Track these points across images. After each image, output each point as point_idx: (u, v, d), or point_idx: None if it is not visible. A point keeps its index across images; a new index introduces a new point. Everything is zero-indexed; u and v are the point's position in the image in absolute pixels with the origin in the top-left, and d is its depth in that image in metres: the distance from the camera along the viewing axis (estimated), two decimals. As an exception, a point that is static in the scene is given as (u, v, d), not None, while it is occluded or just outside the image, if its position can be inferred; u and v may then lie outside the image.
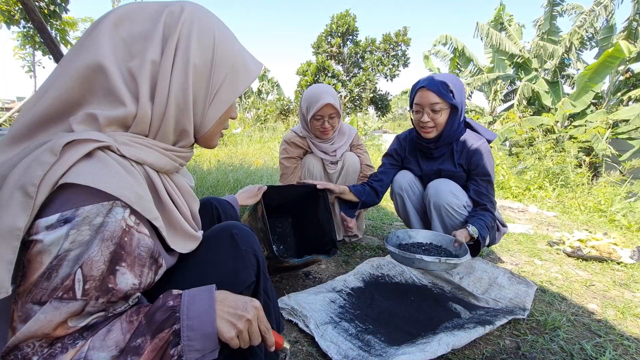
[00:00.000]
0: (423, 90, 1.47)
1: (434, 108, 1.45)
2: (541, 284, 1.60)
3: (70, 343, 0.50)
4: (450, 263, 1.21)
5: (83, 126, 0.54)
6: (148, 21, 0.57)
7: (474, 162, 1.52)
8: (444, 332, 1.04)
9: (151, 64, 0.56)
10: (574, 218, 3.11)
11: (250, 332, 0.59)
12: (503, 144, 8.16)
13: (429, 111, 1.47)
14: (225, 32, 0.64)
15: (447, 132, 1.50)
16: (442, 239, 1.47)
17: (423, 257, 1.20)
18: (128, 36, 0.56)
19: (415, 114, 1.55)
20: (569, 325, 1.25)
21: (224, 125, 0.71)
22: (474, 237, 1.41)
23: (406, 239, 1.51)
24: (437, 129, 1.50)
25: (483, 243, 1.44)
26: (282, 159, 1.91)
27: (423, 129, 1.53)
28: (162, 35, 0.57)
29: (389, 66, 12.79)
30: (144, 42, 0.56)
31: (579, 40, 9.14)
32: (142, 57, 0.56)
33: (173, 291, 0.58)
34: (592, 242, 2.07)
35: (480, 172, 1.52)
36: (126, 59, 0.55)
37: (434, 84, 1.44)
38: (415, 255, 1.22)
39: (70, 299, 0.47)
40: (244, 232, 0.73)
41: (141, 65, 0.55)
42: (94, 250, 0.48)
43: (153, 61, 0.56)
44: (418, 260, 1.22)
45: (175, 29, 0.57)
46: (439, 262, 1.20)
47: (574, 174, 4.29)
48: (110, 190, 0.49)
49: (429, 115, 1.47)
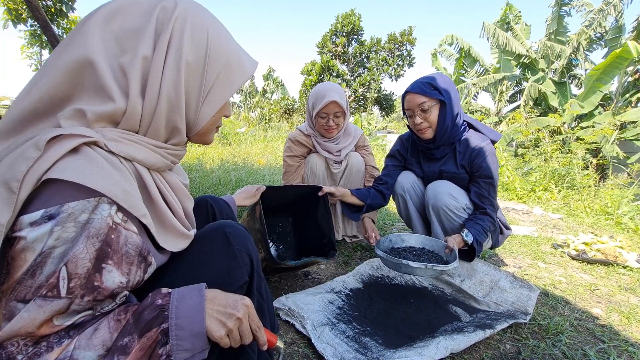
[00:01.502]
0: (409, 95, 1.51)
1: (422, 108, 1.47)
2: (544, 287, 1.57)
3: (56, 342, 0.49)
4: (436, 269, 1.20)
5: (71, 122, 0.53)
6: (140, 16, 0.56)
7: (477, 164, 1.50)
8: (443, 336, 1.02)
9: (142, 60, 0.55)
10: (580, 220, 3.06)
11: (241, 331, 0.58)
12: (509, 145, 8.08)
13: (419, 112, 1.49)
14: (219, 29, 0.63)
15: (440, 127, 1.49)
16: (435, 244, 1.45)
17: (409, 263, 1.19)
18: (119, 31, 0.55)
19: (409, 119, 1.56)
20: (572, 330, 1.22)
21: (218, 122, 0.70)
22: (468, 243, 1.39)
23: (399, 243, 1.49)
24: (432, 127, 1.51)
25: (479, 249, 1.42)
26: (285, 157, 1.90)
27: (419, 131, 1.53)
28: (154, 30, 0.56)
29: (394, 66, 12.74)
30: (135, 37, 0.55)
31: (587, 40, 9.02)
32: (134, 53, 0.55)
33: (162, 289, 0.57)
34: (598, 245, 2.03)
35: (483, 174, 1.49)
36: (117, 54, 0.55)
37: (417, 86, 1.48)
38: (402, 261, 1.21)
39: (54, 297, 0.46)
40: (237, 231, 0.72)
41: (132, 60, 0.54)
42: (79, 248, 0.47)
43: (144, 57, 0.55)
44: (405, 265, 1.21)
45: (168, 25, 0.56)
46: (426, 268, 1.19)
47: (580, 176, 4.23)
48: (95, 186, 0.48)
49: (420, 116, 1.49)
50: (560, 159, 4.79)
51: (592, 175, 4.34)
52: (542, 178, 4.26)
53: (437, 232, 1.57)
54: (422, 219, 1.71)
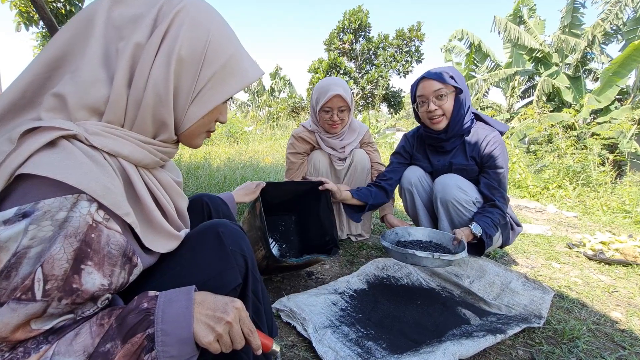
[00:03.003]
0: (424, 81, 1.46)
1: (438, 94, 1.43)
2: (559, 289, 1.50)
3: (34, 347, 0.46)
4: (444, 259, 1.17)
5: (51, 114, 0.50)
6: (144, 5, 0.55)
7: (486, 155, 1.47)
8: (450, 341, 0.97)
9: (134, 47, 0.53)
10: (596, 219, 2.94)
11: (232, 335, 0.55)
12: (521, 141, 7.89)
13: (434, 99, 1.44)
14: (224, 29, 0.60)
15: (455, 117, 1.45)
16: (442, 236, 1.43)
17: (415, 252, 1.17)
18: (119, 18, 0.54)
19: (420, 106, 1.51)
20: (589, 336, 1.15)
21: (209, 127, 0.66)
22: (477, 235, 1.36)
23: (405, 237, 1.47)
24: (447, 116, 1.46)
25: (490, 242, 1.38)
26: (288, 153, 1.86)
27: (432, 119, 1.48)
28: (153, 19, 0.55)
29: (402, 62, 12.55)
30: (133, 24, 0.54)
31: (603, 33, 8.72)
32: (128, 39, 0.53)
33: (149, 292, 0.54)
34: (616, 244, 1.94)
35: (493, 164, 1.46)
36: (114, 40, 0.53)
37: (433, 73, 1.45)
38: (407, 250, 1.18)
39: (29, 300, 0.43)
40: (231, 230, 0.68)
41: (125, 46, 0.53)
42: (56, 248, 0.44)
43: (137, 44, 0.53)
44: (410, 255, 1.18)
45: (168, 16, 0.55)
46: (432, 257, 1.16)
47: (596, 173, 4.08)
48: (72, 182, 0.45)
49: (435, 103, 1.44)
50: (575, 155, 4.64)
51: (608, 172, 4.19)
52: (556, 175, 4.13)
53: (445, 227, 1.53)
54: (430, 215, 1.66)
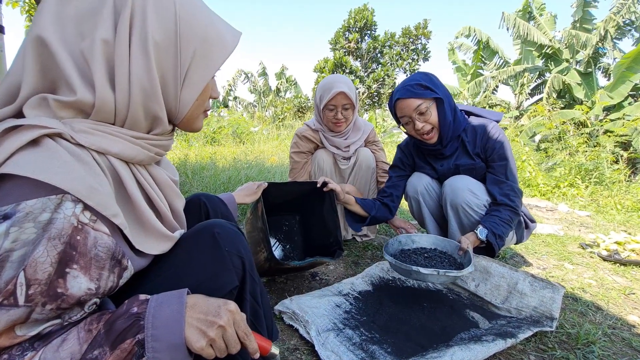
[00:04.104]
0: (400, 102, 1.38)
1: (420, 111, 1.35)
2: (572, 291, 1.45)
3: (18, 354, 0.44)
4: (450, 276, 1.10)
5: (36, 112, 0.48)
6: None
7: (490, 147, 1.42)
8: (458, 345, 0.93)
9: (103, 44, 0.49)
10: (610, 218, 2.85)
11: (226, 340, 0.52)
12: (531, 139, 7.73)
13: (417, 117, 1.37)
14: (189, 0, 0.56)
15: (443, 125, 1.39)
16: (447, 244, 1.36)
17: (420, 270, 1.09)
18: (76, 14, 0.49)
19: (406, 126, 1.44)
20: (605, 340, 1.10)
21: (205, 105, 0.64)
22: (483, 240, 1.30)
23: (409, 244, 1.39)
24: (436, 128, 1.40)
25: (500, 242, 1.32)
26: (292, 153, 1.84)
27: (423, 136, 1.42)
28: (112, 9, 0.50)
29: (409, 60, 12.46)
30: (92, 19, 0.50)
31: (615, 28, 8.50)
32: (92, 37, 0.49)
33: (140, 296, 0.52)
34: (632, 244, 1.86)
35: (497, 155, 1.41)
36: (77, 40, 0.49)
37: (406, 90, 1.36)
38: (412, 267, 1.11)
39: (11, 306, 0.41)
40: (227, 231, 0.66)
41: (91, 46, 0.49)
42: (39, 251, 0.42)
43: (104, 40, 0.49)
44: (415, 272, 1.11)
45: (126, 1, 0.50)
46: (438, 274, 1.09)
47: (609, 171, 3.96)
48: (56, 182, 0.43)
49: (419, 120, 1.37)
50: (587, 152, 4.52)
51: (622, 169, 4.06)
52: (568, 173, 4.02)
53: (454, 231, 1.47)
54: (437, 221, 1.61)
